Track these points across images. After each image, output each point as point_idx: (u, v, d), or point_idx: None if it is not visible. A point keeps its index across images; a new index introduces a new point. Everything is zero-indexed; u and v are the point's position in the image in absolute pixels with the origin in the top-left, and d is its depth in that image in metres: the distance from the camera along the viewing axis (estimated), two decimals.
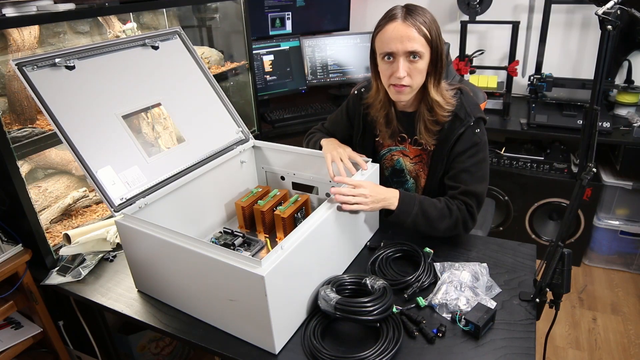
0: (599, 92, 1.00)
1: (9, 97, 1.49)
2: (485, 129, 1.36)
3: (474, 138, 1.31)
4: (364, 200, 1.20)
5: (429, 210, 1.27)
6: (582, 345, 2.09)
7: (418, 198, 1.28)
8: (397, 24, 1.21)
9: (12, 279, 1.39)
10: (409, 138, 1.42)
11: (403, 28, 1.19)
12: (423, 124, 1.34)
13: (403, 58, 1.21)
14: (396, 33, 1.20)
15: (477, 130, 1.31)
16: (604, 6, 0.96)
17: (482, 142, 1.32)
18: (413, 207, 1.26)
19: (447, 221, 1.28)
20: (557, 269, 1.06)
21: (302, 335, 1.06)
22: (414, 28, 1.19)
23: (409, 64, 1.22)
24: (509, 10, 2.71)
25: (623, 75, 2.47)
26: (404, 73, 1.22)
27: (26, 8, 1.35)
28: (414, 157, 1.43)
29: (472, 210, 1.30)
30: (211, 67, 2.26)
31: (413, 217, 1.26)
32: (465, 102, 1.33)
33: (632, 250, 2.47)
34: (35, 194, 1.59)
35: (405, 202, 1.26)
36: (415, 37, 1.19)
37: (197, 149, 1.40)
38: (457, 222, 1.29)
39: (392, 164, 1.48)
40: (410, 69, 1.23)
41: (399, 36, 1.20)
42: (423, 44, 1.21)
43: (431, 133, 1.34)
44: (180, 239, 1.05)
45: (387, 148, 1.47)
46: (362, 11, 3.08)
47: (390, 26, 1.22)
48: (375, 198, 1.22)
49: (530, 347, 1.02)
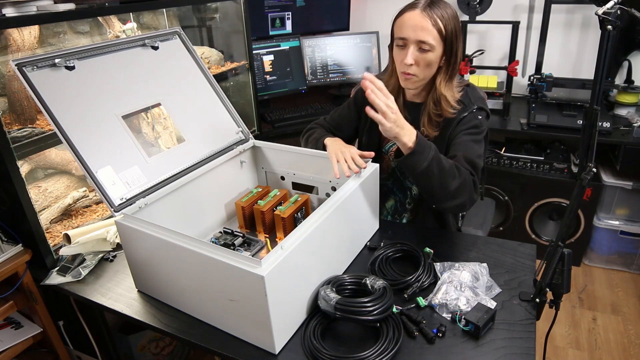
0: (599, 92, 1.00)
1: (9, 97, 1.49)
2: (487, 129, 1.37)
3: (475, 121, 1.33)
4: (390, 112, 1.11)
5: (443, 161, 1.19)
6: (582, 345, 2.09)
7: (433, 146, 1.20)
8: (415, 13, 1.24)
9: (12, 279, 1.39)
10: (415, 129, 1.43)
11: (419, 18, 1.23)
12: (427, 116, 1.36)
13: (413, 46, 1.25)
14: (412, 21, 1.24)
15: (479, 117, 1.34)
16: (604, 6, 0.96)
17: (483, 127, 1.34)
18: (430, 152, 1.17)
19: (457, 180, 1.20)
20: (557, 269, 1.06)
21: (302, 335, 1.06)
22: (430, 20, 1.22)
23: (419, 53, 1.26)
24: (509, 10, 2.71)
25: (623, 75, 2.48)
26: (411, 61, 1.25)
27: (26, 8, 1.35)
28: None
29: (474, 179, 1.25)
30: (211, 67, 2.26)
31: (429, 162, 1.16)
32: (471, 93, 1.37)
33: (632, 250, 2.47)
34: (35, 194, 1.59)
35: (422, 144, 1.17)
36: (429, 28, 1.22)
37: (197, 149, 1.40)
38: (465, 184, 1.22)
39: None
40: (419, 58, 1.26)
41: (414, 25, 1.23)
42: (435, 37, 1.24)
43: (433, 125, 1.36)
44: (180, 239, 1.05)
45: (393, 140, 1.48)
46: (362, 11, 3.08)
47: (408, 14, 1.26)
48: (399, 121, 1.14)
49: (530, 347, 1.02)
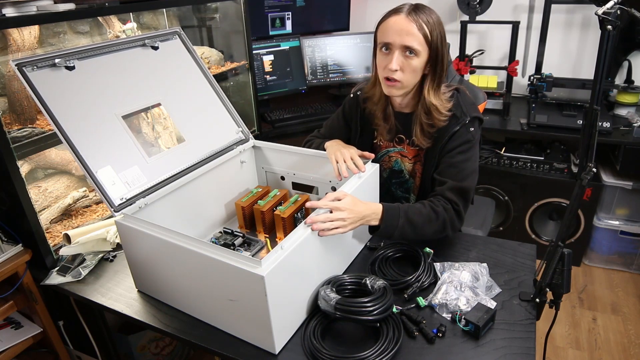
0: (599, 92, 1.00)
1: (9, 97, 1.49)
2: (485, 129, 1.36)
3: (467, 135, 1.31)
4: (342, 223, 1.12)
5: (414, 218, 1.22)
6: (582, 345, 2.09)
7: (403, 208, 1.23)
8: (399, 18, 1.23)
9: (12, 279, 1.39)
10: (406, 139, 1.42)
11: (404, 22, 1.21)
12: (419, 127, 1.34)
13: (399, 51, 1.23)
14: (397, 26, 1.22)
15: (471, 129, 1.32)
16: (604, 6, 0.96)
17: (475, 140, 1.33)
18: (398, 220, 1.21)
19: (434, 225, 1.24)
20: (557, 269, 1.06)
21: (302, 335, 1.06)
22: (415, 25, 1.21)
23: (404, 59, 1.24)
24: (509, 10, 2.71)
25: (623, 75, 2.47)
26: (397, 66, 1.23)
27: (26, 8, 1.35)
28: (413, 158, 1.43)
29: (458, 209, 1.28)
30: (211, 67, 2.26)
31: (400, 230, 1.21)
32: (462, 101, 1.33)
33: (632, 250, 2.47)
34: (35, 194, 1.59)
35: (389, 216, 1.21)
36: (414, 33, 1.21)
37: (197, 149, 1.40)
38: (445, 224, 1.25)
39: (390, 165, 1.48)
40: (404, 64, 1.24)
41: (399, 29, 1.21)
42: (421, 42, 1.22)
43: (426, 135, 1.34)
44: (180, 239, 1.05)
45: (385, 150, 1.47)
46: (362, 11, 3.08)
47: (392, 19, 1.24)
48: (355, 218, 1.15)
49: (530, 347, 1.02)
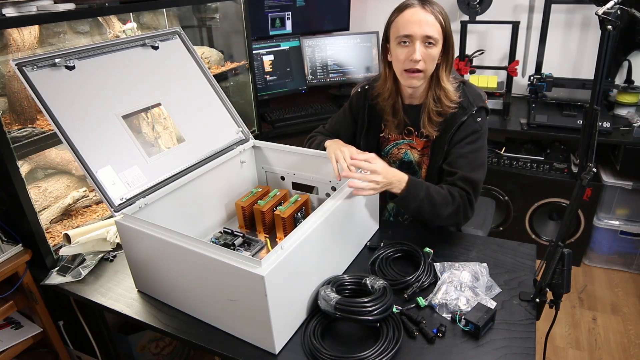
0: (599, 92, 1.00)
1: (9, 97, 1.49)
2: (486, 127, 1.37)
3: (475, 126, 1.34)
4: (375, 186, 1.21)
5: (435, 196, 1.27)
6: (582, 345, 2.09)
7: (425, 184, 1.29)
8: (416, 10, 1.26)
9: (12, 279, 1.39)
10: (415, 131, 1.44)
11: (422, 13, 1.25)
12: (427, 115, 1.37)
13: (420, 42, 1.26)
14: (415, 17, 1.25)
15: (478, 119, 1.34)
16: (604, 6, 0.96)
17: (483, 130, 1.35)
18: (421, 192, 1.26)
19: (450, 207, 1.28)
20: (557, 269, 1.06)
21: (302, 335, 1.06)
22: (432, 15, 1.25)
23: (424, 49, 1.27)
24: (509, 10, 2.71)
25: (623, 75, 2.47)
26: (420, 56, 1.26)
27: (26, 8, 1.35)
28: (422, 149, 1.45)
29: (470, 198, 1.31)
30: (211, 67, 2.26)
31: (419, 202, 1.26)
32: (469, 92, 1.37)
33: (632, 250, 2.47)
34: (35, 194, 1.59)
35: (413, 187, 1.26)
36: (433, 22, 1.25)
37: (197, 149, 1.40)
38: (459, 209, 1.29)
39: (400, 157, 1.50)
40: (425, 54, 1.27)
41: (418, 20, 1.25)
42: (439, 31, 1.26)
43: (434, 124, 1.37)
44: (180, 239, 1.05)
45: (394, 142, 1.48)
46: (362, 11, 3.08)
47: (408, 12, 1.27)
48: (386, 182, 1.22)
49: (530, 347, 1.02)
